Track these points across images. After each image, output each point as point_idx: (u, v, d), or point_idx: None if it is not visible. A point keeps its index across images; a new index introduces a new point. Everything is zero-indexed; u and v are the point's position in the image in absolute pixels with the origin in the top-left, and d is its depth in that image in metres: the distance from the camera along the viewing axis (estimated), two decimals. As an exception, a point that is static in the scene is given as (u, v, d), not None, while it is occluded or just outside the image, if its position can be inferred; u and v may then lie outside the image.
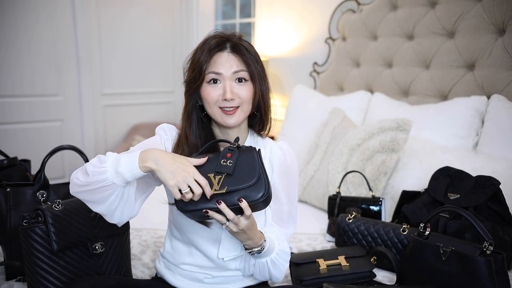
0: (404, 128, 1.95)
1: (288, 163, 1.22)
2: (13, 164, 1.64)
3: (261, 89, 1.15)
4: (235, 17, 3.92)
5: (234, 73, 1.11)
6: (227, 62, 1.10)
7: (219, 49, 1.11)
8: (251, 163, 1.01)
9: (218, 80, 1.11)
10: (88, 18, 3.48)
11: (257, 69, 1.13)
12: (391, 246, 1.50)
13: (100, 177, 0.97)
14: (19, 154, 2.02)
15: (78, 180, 1.00)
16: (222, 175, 1.00)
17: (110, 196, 1.00)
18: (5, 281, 1.34)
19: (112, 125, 3.81)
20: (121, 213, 1.05)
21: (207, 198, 0.98)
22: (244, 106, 1.13)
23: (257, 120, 1.22)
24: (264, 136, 1.24)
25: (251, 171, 1.00)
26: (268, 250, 1.11)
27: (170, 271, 1.25)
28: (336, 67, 2.87)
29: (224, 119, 1.12)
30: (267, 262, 1.14)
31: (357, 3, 2.74)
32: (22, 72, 3.24)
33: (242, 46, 1.12)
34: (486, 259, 1.16)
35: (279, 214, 1.22)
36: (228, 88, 1.10)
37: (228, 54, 1.11)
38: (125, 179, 0.99)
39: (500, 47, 2.01)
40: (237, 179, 0.99)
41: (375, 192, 1.92)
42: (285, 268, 1.18)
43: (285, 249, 1.16)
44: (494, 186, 1.50)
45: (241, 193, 0.98)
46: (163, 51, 3.96)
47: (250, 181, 0.99)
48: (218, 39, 1.11)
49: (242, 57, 1.11)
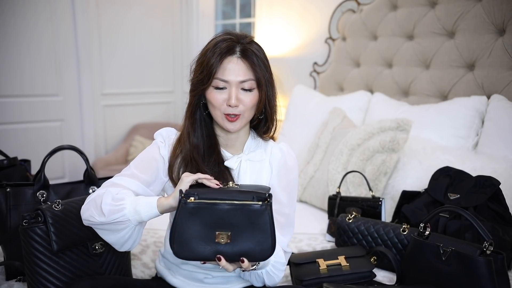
0: (404, 128, 1.95)
1: (288, 164, 1.22)
2: (13, 164, 1.64)
3: (267, 94, 1.16)
4: (235, 17, 3.92)
5: (241, 83, 1.11)
6: (235, 69, 1.11)
7: (229, 53, 1.11)
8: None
9: (224, 87, 1.12)
10: (88, 18, 3.48)
11: (265, 76, 1.14)
12: (391, 246, 1.50)
13: (117, 214, 1.03)
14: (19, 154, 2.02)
15: (94, 219, 1.06)
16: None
17: (123, 230, 1.06)
18: (5, 281, 1.34)
19: (112, 125, 3.81)
20: (130, 245, 1.13)
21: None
22: (246, 113, 1.14)
23: (262, 123, 1.22)
24: (266, 137, 1.25)
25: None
26: (262, 265, 1.11)
27: (170, 271, 1.25)
28: (336, 67, 2.87)
29: (225, 124, 1.14)
30: (263, 273, 1.14)
31: (357, 3, 2.74)
32: (22, 72, 3.24)
33: (252, 51, 1.12)
34: (486, 259, 1.16)
35: (277, 217, 1.21)
36: (233, 95, 1.10)
37: (238, 59, 1.11)
38: (142, 218, 1.05)
39: (500, 47, 2.01)
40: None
41: (375, 192, 1.92)
42: (280, 277, 1.18)
43: (280, 260, 1.16)
44: (494, 186, 1.50)
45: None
46: (163, 51, 3.97)
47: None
48: (229, 42, 1.11)
49: (251, 63, 1.11)
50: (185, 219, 0.95)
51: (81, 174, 1.56)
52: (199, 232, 0.96)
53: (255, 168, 1.20)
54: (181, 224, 0.95)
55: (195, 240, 0.96)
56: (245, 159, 1.20)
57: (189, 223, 0.95)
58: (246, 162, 1.20)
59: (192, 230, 0.96)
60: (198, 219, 0.95)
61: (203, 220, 0.95)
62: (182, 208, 0.96)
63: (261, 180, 1.20)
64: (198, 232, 0.96)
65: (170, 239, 0.96)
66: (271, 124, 1.22)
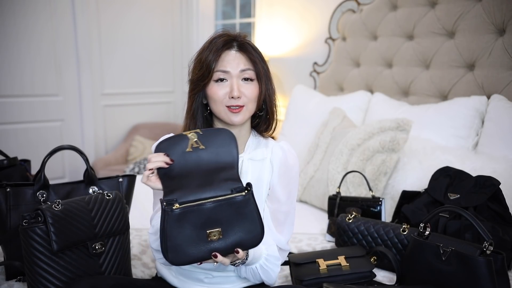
0: (404, 128, 1.95)
1: (289, 163, 1.22)
2: (13, 164, 1.64)
3: (267, 88, 1.17)
4: (235, 17, 3.92)
5: (241, 72, 1.13)
6: (235, 60, 1.12)
7: (227, 47, 1.13)
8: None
9: (225, 79, 1.13)
10: (88, 18, 3.48)
11: (264, 69, 1.16)
12: (391, 246, 1.50)
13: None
14: (19, 154, 2.02)
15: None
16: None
17: None
18: (5, 281, 1.34)
19: (112, 125, 3.81)
20: None
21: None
22: (249, 105, 1.15)
23: (262, 121, 1.23)
24: (267, 136, 1.25)
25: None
26: (254, 259, 1.10)
27: (170, 271, 1.25)
28: (336, 67, 2.87)
29: (230, 117, 1.14)
30: (257, 268, 1.14)
31: (357, 3, 2.74)
32: (22, 72, 3.24)
33: (249, 45, 1.15)
34: (486, 259, 1.16)
35: (276, 215, 1.21)
36: (235, 86, 1.12)
37: (236, 52, 1.14)
38: None
39: (500, 47, 2.01)
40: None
41: (375, 192, 1.92)
42: (276, 273, 1.17)
43: (274, 254, 1.15)
44: (494, 186, 1.50)
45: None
46: (163, 51, 3.96)
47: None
48: (226, 37, 1.14)
49: (249, 55, 1.14)
50: (174, 226, 0.94)
51: (81, 174, 1.56)
52: (190, 235, 0.95)
53: (256, 168, 1.20)
54: (171, 231, 0.94)
55: (188, 243, 0.95)
56: (247, 158, 1.20)
57: (178, 228, 0.94)
58: (248, 162, 1.20)
59: (183, 235, 0.95)
60: (186, 223, 0.95)
61: (192, 223, 0.95)
62: (168, 217, 0.94)
63: (262, 179, 1.20)
64: (189, 235, 0.95)
65: (163, 249, 0.94)
66: (272, 121, 1.23)
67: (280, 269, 1.19)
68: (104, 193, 1.30)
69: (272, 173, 1.21)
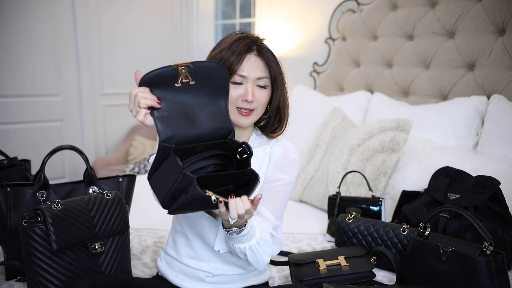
0: (404, 128, 1.95)
1: (290, 156, 1.22)
2: (13, 164, 1.64)
3: (281, 94, 1.22)
4: (235, 17, 3.92)
5: (258, 79, 1.17)
6: (253, 66, 1.16)
7: (248, 51, 1.17)
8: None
9: (241, 82, 1.16)
10: (88, 18, 3.48)
11: (279, 73, 1.21)
12: (391, 246, 1.50)
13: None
14: (19, 154, 2.01)
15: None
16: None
17: None
18: (5, 281, 1.34)
19: (112, 125, 3.81)
20: None
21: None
22: (258, 109, 1.19)
23: (271, 123, 1.25)
24: (273, 137, 1.27)
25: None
26: (248, 234, 1.06)
27: (171, 270, 1.25)
28: (336, 67, 2.87)
29: (238, 119, 1.17)
30: (246, 248, 1.08)
31: (357, 3, 2.74)
32: (22, 72, 3.24)
33: (267, 49, 1.20)
34: (486, 259, 1.16)
35: (269, 192, 1.18)
36: (250, 91, 1.15)
37: (255, 57, 1.17)
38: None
39: (500, 47, 2.01)
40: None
41: (375, 192, 1.92)
42: (265, 260, 1.13)
43: (266, 239, 1.11)
44: (494, 186, 1.50)
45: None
46: (163, 51, 3.96)
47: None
48: (248, 41, 1.17)
49: (267, 61, 1.19)
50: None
51: (81, 174, 1.56)
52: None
53: (256, 164, 1.20)
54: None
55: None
56: None
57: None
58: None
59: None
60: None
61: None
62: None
63: (258, 172, 1.18)
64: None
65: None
66: (284, 125, 1.26)
67: (270, 258, 1.15)
68: (104, 193, 1.30)
69: (268, 165, 1.21)
